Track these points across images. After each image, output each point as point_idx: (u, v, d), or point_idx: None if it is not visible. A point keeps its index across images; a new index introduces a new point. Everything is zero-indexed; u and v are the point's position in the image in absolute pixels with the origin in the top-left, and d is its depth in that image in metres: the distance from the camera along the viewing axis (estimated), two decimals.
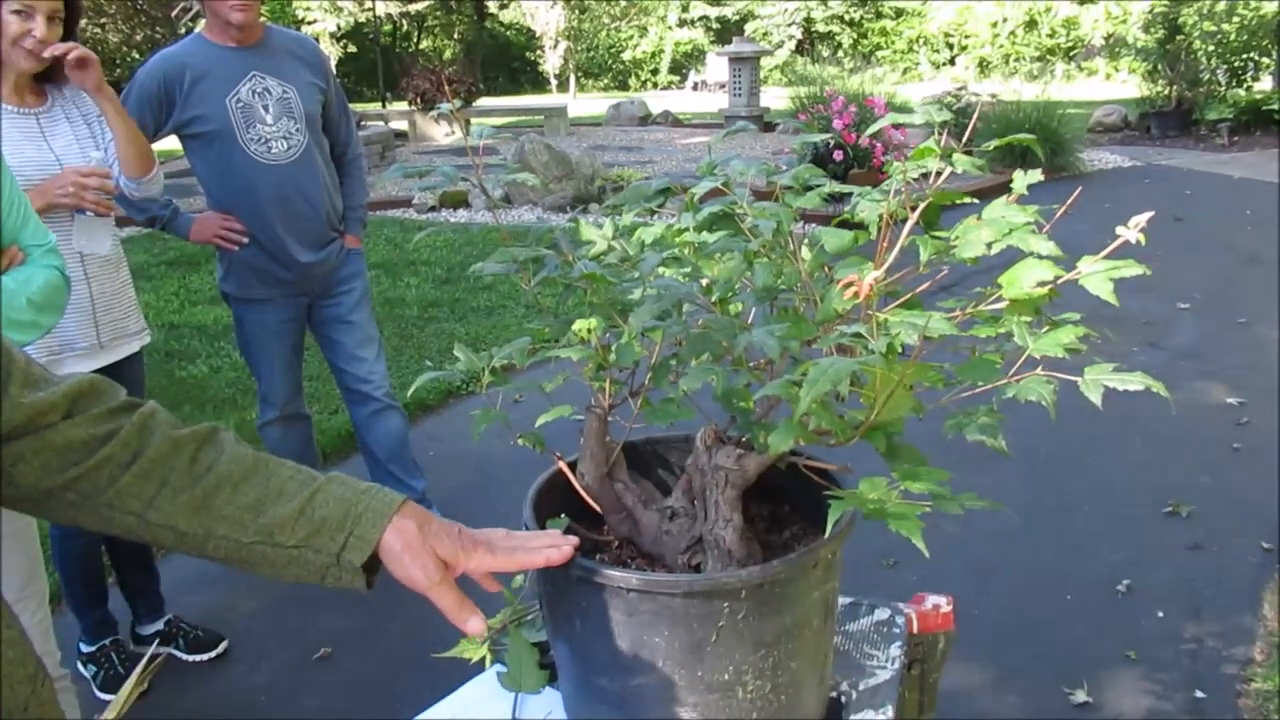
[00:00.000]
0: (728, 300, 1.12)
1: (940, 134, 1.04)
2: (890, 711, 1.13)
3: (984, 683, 2.51)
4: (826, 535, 0.92)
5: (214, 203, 2.85)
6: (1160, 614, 2.77)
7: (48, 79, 2.24)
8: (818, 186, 1.16)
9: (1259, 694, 2.44)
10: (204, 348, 5.27)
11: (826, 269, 1.11)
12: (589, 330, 1.06)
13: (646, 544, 1.12)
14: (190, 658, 2.70)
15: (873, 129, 1.12)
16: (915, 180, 1.03)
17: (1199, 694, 2.44)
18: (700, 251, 1.16)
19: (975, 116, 1.19)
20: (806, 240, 1.13)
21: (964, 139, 1.22)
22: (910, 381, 0.87)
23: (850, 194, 1.10)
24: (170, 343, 5.33)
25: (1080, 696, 2.43)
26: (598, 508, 1.12)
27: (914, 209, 1.01)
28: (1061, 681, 2.49)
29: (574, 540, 0.97)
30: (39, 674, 0.78)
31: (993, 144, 1.12)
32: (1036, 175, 1.04)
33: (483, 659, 1.25)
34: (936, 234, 1.02)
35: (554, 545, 0.96)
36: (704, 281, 1.14)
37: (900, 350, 0.91)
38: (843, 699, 1.15)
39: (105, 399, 0.90)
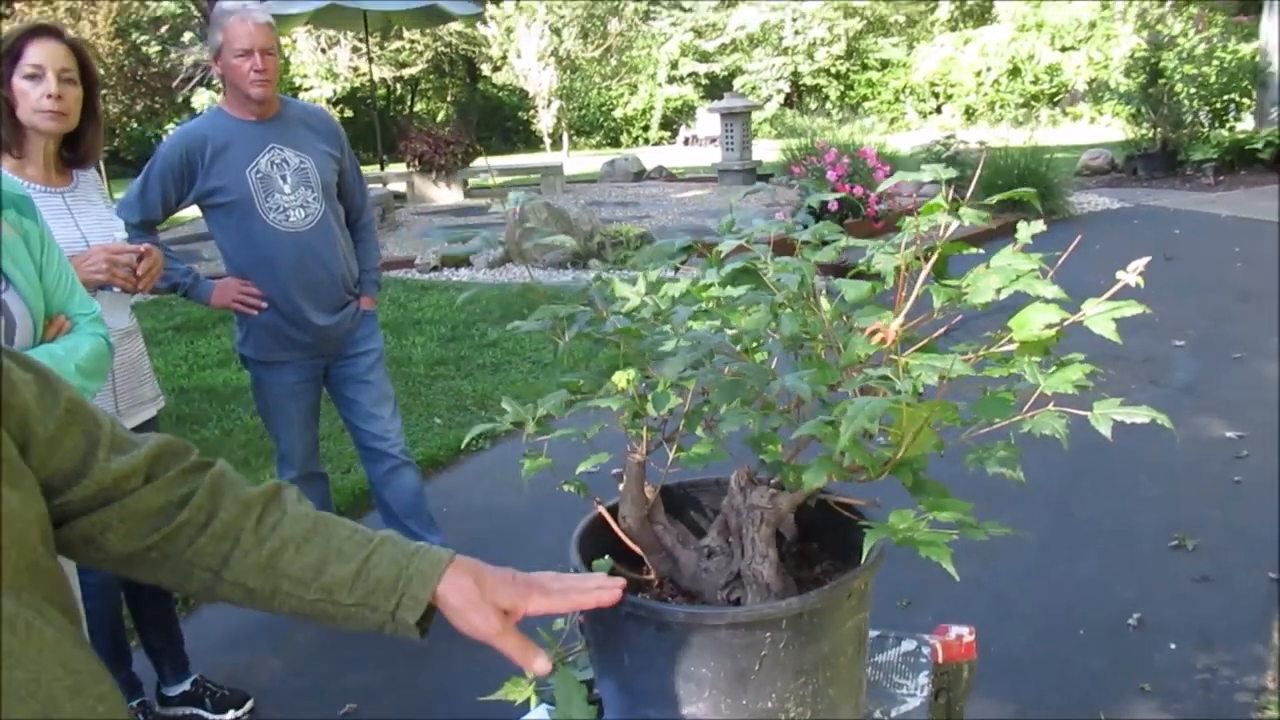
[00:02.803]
0: (754, 350, 1.19)
1: (947, 191, 1.12)
2: None
3: (1004, 718, 2.54)
4: (864, 562, 0.98)
5: (233, 269, 2.93)
6: (1172, 646, 2.81)
7: (74, 162, 2.32)
8: (834, 241, 1.24)
9: None
10: (215, 410, 5.34)
11: (845, 318, 1.19)
12: (628, 381, 1.13)
13: (686, 581, 1.18)
14: (217, 717, 2.73)
15: (882, 187, 1.20)
16: (924, 232, 1.11)
17: None
18: (726, 304, 1.23)
19: (979, 170, 1.28)
20: (824, 291, 1.21)
21: (968, 193, 1.31)
22: (934, 420, 0.95)
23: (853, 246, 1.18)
24: (181, 407, 5.40)
25: None
26: (637, 548, 1.18)
27: (926, 259, 1.08)
28: (1079, 715, 2.53)
29: (621, 581, 1.03)
30: None
31: (995, 199, 1.20)
32: (1040, 226, 1.12)
33: (527, 700, 1.30)
34: (947, 282, 1.10)
35: (602, 586, 1.01)
36: (730, 332, 1.21)
37: (921, 391, 0.98)
38: None
39: (180, 459, 0.97)
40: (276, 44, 2.82)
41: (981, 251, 1.17)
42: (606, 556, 1.16)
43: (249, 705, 2.78)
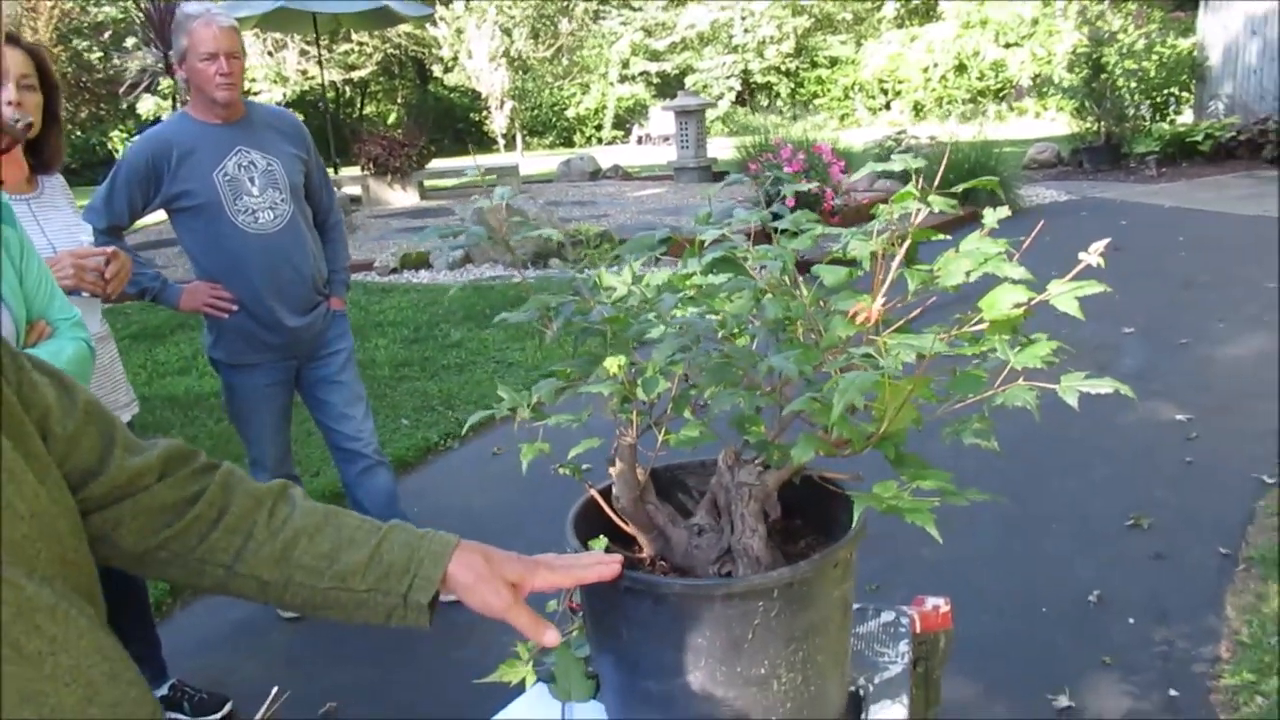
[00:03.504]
0: (738, 335, 1.24)
1: (917, 180, 1.19)
2: (906, 701, 1.24)
3: (972, 695, 2.62)
4: (852, 530, 1.04)
5: (202, 272, 2.93)
6: (1131, 620, 2.91)
7: (38, 168, 2.31)
8: (809, 230, 1.30)
9: (1228, 689, 2.58)
10: (177, 418, 5.29)
11: (823, 302, 1.24)
12: (618, 367, 1.18)
13: (678, 559, 1.23)
14: None
15: (856, 176, 1.26)
16: (895, 221, 1.17)
17: (1173, 692, 2.58)
18: (707, 292, 1.28)
19: (943, 164, 1.34)
20: (803, 278, 1.26)
21: (935, 183, 1.37)
22: (914, 396, 1.00)
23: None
24: (144, 416, 5.27)
25: (1063, 701, 2.56)
26: (630, 528, 1.23)
27: (900, 245, 1.14)
28: (1044, 689, 2.62)
29: (619, 557, 1.07)
30: (157, 712, 0.86)
31: (961, 187, 1.26)
32: (1005, 211, 1.19)
33: (521, 681, 1.34)
34: (919, 266, 1.16)
35: (602, 562, 1.06)
36: (714, 318, 1.26)
37: (899, 369, 1.04)
38: (861, 692, 1.26)
39: (190, 461, 1.00)
40: (241, 47, 2.83)
41: (949, 238, 1.23)
42: (602, 536, 1.21)
43: (228, 708, 2.78)
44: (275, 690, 1.14)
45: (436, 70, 27.38)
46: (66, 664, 0.73)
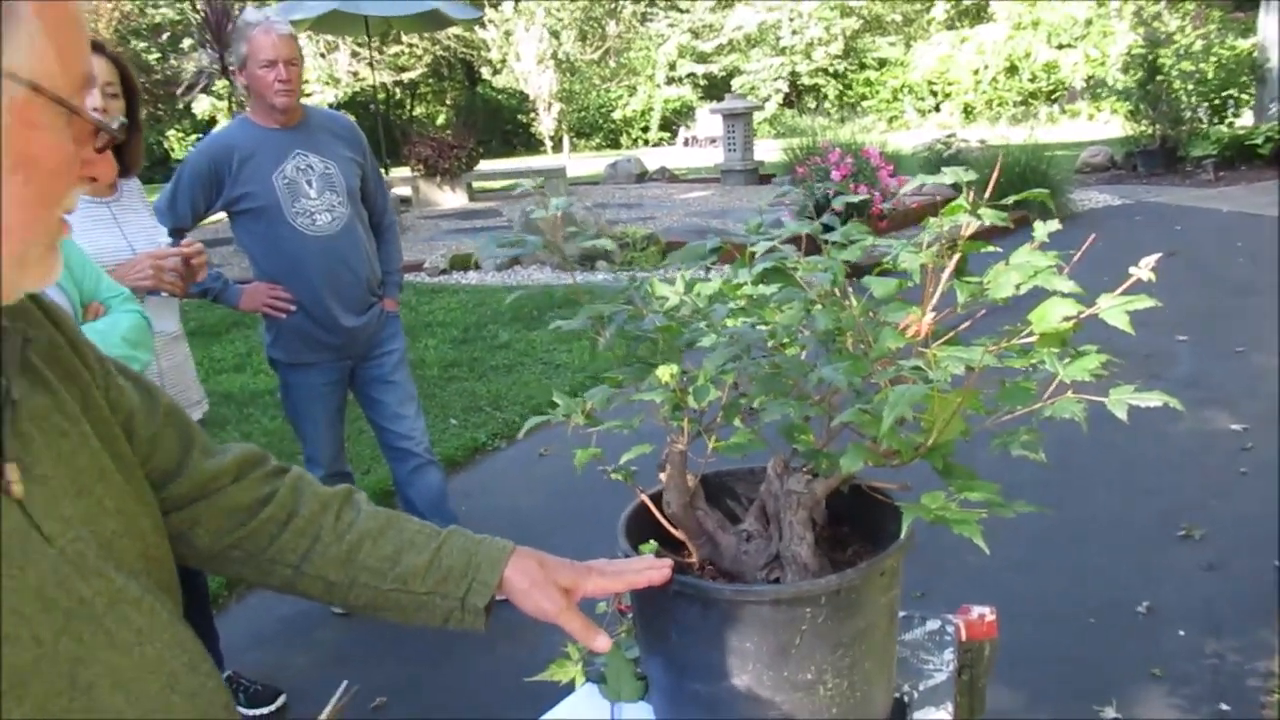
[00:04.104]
0: (788, 345, 1.26)
1: (968, 193, 1.20)
2: (950, 708, 1.26)
3: (1016, 704, 2.61)
4: (901, 538, 1.05)
5: (261, 273, 3.01)
6: (1181, 632, 2.88)
7: (119, 172, 2.39)
8: (859, 241, 1.31)
9: None
10: (233, 414, 5.41)
11: (872, 313, 1.26)
12: (670, 375, 1.20)
13: (726, 564, 1.25)
14: (251, 711, 2.81)
15: (906, 188, 1.27)
16: (945, 232, 1.19)
17: (1224, 706, 2.55)
18: (758, 302, 1.31)
19: (995, 173, 1.35)
20: (852, 288, 1.28)
21: (986, 192, 1.38)
22: (964, 407, 1.02)
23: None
24: None
25: (1110, 713, 2.54)
26: (680, 533, 1.25)
27: (949, 257, 1.16)
28: (1091, 700, 2.60)
29: (669, 562, 1.10)
30: (230, 702, 0.90)
31: (1011, 200, 1.27)
32: (1055, 225, 1.19)
33: (571, 681, 1.37)
34: (969, 278, 1.17)
35: (653, 566, 1.09)
36: (764, 328, 1.28)
37: (948, 381, 1.05)
38: (906, 699, 1.28)
39: (262, 464, 1.05)
40: (299, 54, 2.90)
41: (999, 249, 1.24)
42: (652, 540, 1.24)
43: (281, 699, 2.85)
44: (345, 684, 1.18)
45: (485, 72, 27.62)
46: (152, 654, 0.77)
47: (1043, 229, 1.20)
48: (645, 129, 29.13)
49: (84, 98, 0.70)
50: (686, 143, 26.67)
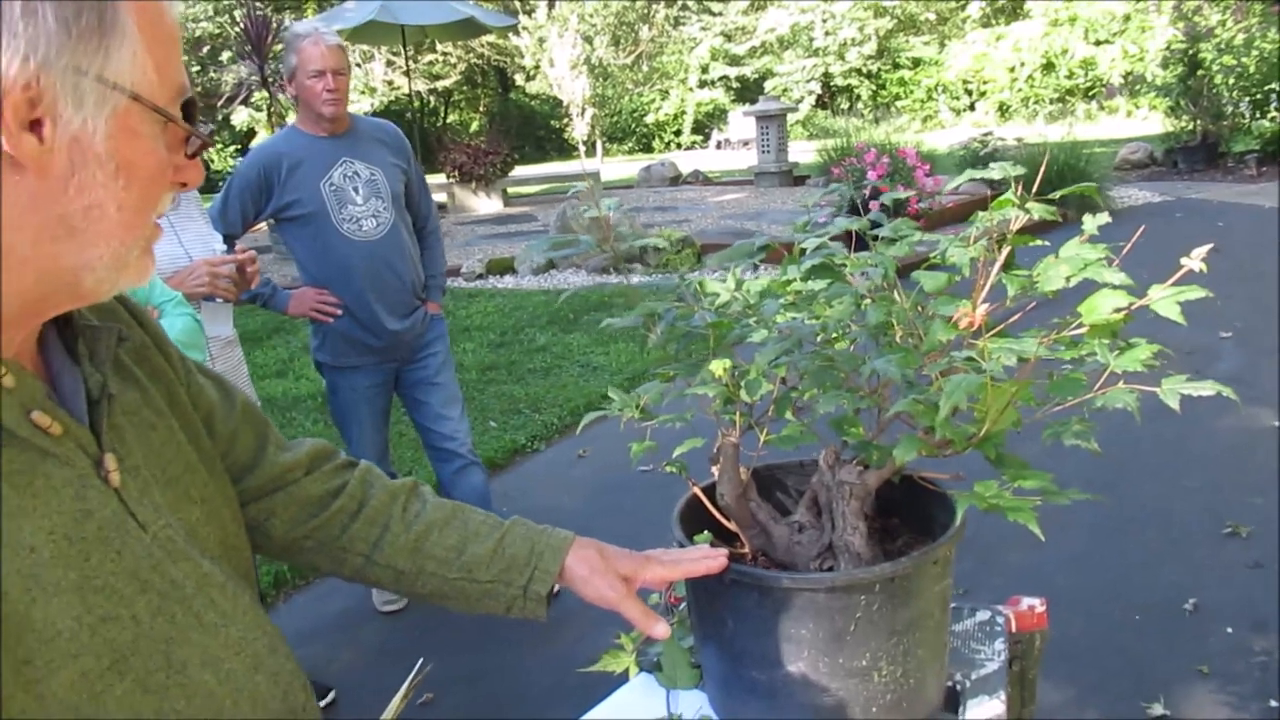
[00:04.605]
0: (838, 339, 1.28)
1: (1017, 188, 1.21)
2: (1003, 697, 1.27)
3: (1063, 700, 2.61)
4: (954, 527, 1.07)
5: (309, 278, 3.07)
6: (1229, 630, 2.86)
7: None
8: (907, 236, 1.33)
9: None
10: (276, 418, 5.50)
11: (921, 308, 1.28)
12: (723, 370, 1.23)
13: (779, 554, 1.27)
14: None
15: (952, 184, 1.29)
16: (994, 226, 1.20)
17: (1274, 703, 2.53)
18: (807, 298, 1.33)
19: (1043, 168, 1.36)
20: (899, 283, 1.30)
21: (1033, 189, 1.39)
22: (1016, 398, 1.03)
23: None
24: None
25: (1157, 710, 2.53)
26: (733, 525, 1.28)
27: (998, 250, 1.17)
28: (1138, 696, 2.59)
29: (724, 551, 1.13)
30: (307, 684, 0.93)
31: (1058, 194, 1.28)
32: (1105, 218, 1.21)
33: (625, 670, 1.40)
34: (1017, 271, 1.19)
35: (708, 556, 1.12)
36: (814, 323, 1.30)
37: (1000, 372, 1.07)
38: (958, 687, 1.29)
39: (333, 458, 1.09)
40: (347, 64, 2.96)
41: (1047, 244, 1.25)
42: (705, 531, 1.26)
43: (331, 696, 2.90)
44: (420, 662, 1.22)
45: (518, 79, 27.77)
46: (236, 635, 0.81)
47: (1092, 221, 1.21)
48: (678, 132, 29.15)
49: (177, 107, 0.75)
50: (719, 145, 26.66)
